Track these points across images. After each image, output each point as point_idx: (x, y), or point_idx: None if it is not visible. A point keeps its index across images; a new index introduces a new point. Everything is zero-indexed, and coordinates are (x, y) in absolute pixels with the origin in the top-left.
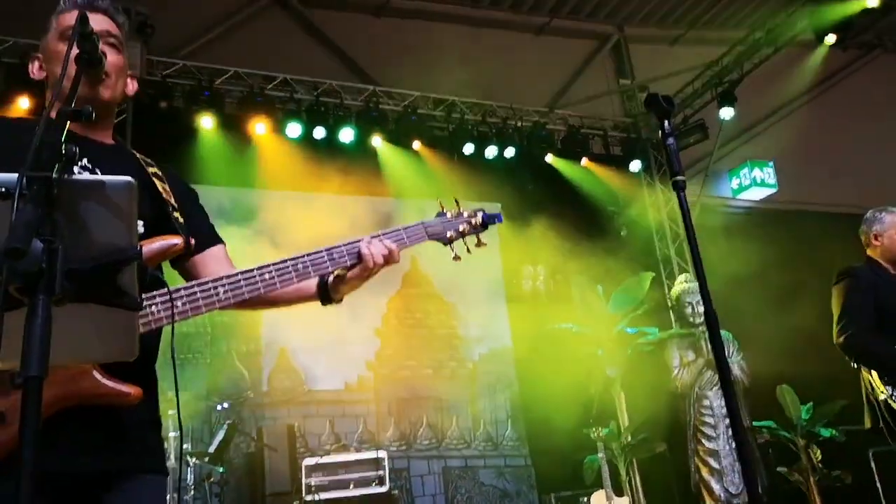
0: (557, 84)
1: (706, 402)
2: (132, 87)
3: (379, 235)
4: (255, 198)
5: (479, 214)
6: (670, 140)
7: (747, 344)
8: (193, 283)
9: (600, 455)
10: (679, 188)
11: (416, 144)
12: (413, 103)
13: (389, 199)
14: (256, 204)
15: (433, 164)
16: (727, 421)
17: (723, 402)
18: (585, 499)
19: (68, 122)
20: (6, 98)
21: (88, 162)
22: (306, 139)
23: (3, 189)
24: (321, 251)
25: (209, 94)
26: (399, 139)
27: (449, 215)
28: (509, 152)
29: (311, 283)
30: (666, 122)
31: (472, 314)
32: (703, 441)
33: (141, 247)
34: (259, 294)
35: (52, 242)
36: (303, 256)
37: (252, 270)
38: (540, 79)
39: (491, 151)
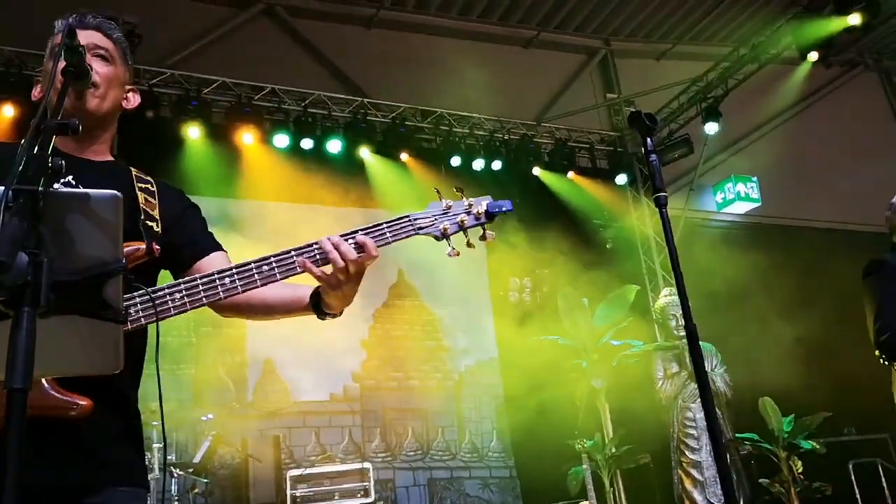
0: (545, 97)
1: (689, 414)
2: (134, 100)
3: (355, 232)
4: (243, 208)
5: (484, 203)
6: (653, 157)
7: (730, 356)
8: (149, 289)
9: (585, 466)
10: (661, 205)
11: (404, 156)
12: (401, 115)
13: (377, 211)
14: (244, 214)
15: (421, 175)
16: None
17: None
18: None
19: (54, 136)
20: None
21: (73, 178)
22: (294, 150)
23: None
24: (289, 250)
25: (196, 103)
26: (387, 151)
27: (444, 205)
28: (496, 165)
29: (304, 295)
30: (649, 140)
31: (458, 326)
32: (687, 452)
33: (126, 259)
34: (220, 300)
35: (38, 255)
36: (269, 257)
37: (212, 274)
38: (527, 92)
39: (478, 164)
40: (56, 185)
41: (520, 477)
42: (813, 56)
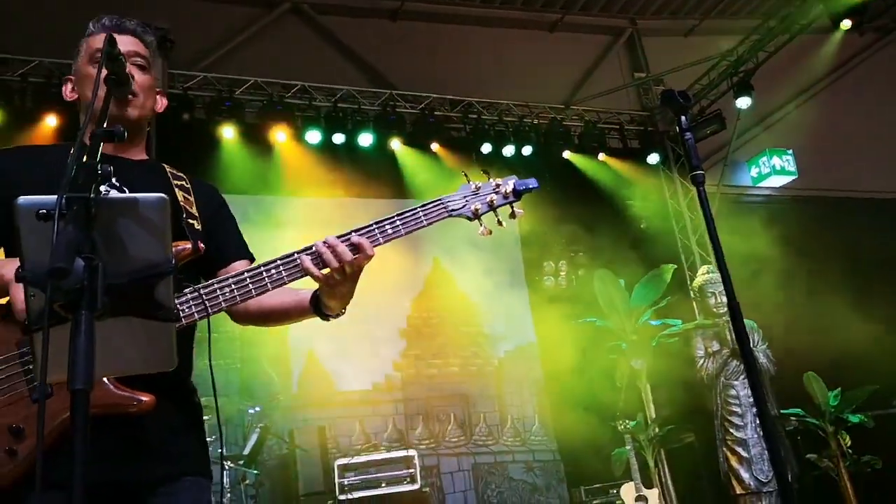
0: (572, 80)
1: (733, 392)
2: (161, 103)
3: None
4: (279, 205)
5: (511, 182)
6: (688, 135)
7: (771, 332)
8: (198, 286)
9: (628, 447)
10: (698, 183)
11: (435, 146)
12: (429, 105)
13: (410, 201)
14: (280, 211)
15: (452, 164)
16: (755, 410)
17: (749, 392)
18: (615, 491)
19: (101, 143)
20: (34, 117)
21: (117, 181)
22: (326, 145)
23: (45, 210)
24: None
25: (230, 104)
26: (417, 141)
27: (473, 187)
28: (527, 150)
29: (305, 298)
30: (683, 118)
31: (495, 312)
32: (731, 430)
33: (175, 260)
34: (267, 290)
35: (93, 260)
36: (311, 247)
37: (259, 268)
38: (555, 76)
39: (508, 150)
40: (103, 188)
41: (563, 460)
42: (846, 24)
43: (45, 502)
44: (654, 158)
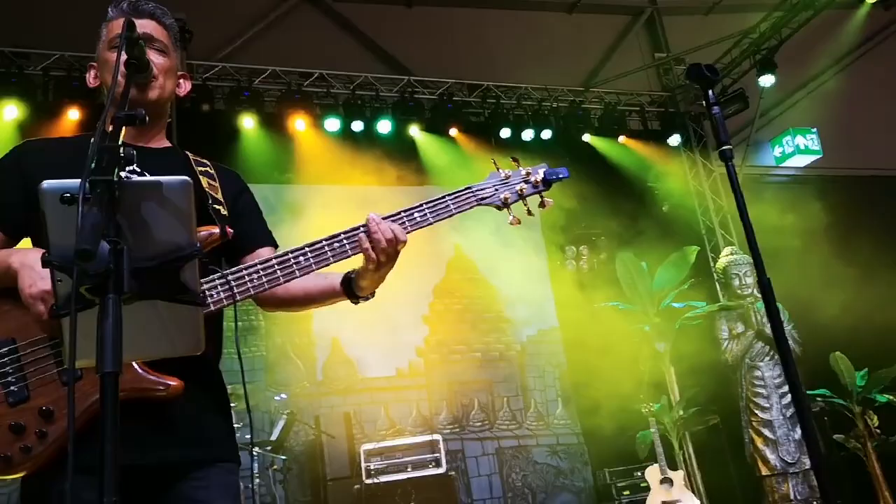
0: (591, 62)
1: (758, 373)
2: (185, 87)
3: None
4: (299, 193)
5: (541, 171)
6: (715, 109)
7: (797, 313)
8: (225, 271)
9: (653, 430)
10: (727, 158)
11: (454, 131)
12: (448, 91)
13: (431, 188)
14: (301, 199)
15: (471, 150)
16: (780, 391)
17: (775, 373)
18: (639, 473)
19: (123, 127)
20: (56, 110)
21: (139, 168)
22: (345, 133)
23: (69, 194)
24: (357, 226)
25: (249, 94)
26: (436, 127)
27: (502, 175)
28: (546, 134)
29: (335, 282)
30: (710, 92)
31: (517, 297)
32: (757, 412)
33: (203, 244)
34: (294, 277)
35: (118, 243)
36: (339, 235)
37: (287, 254)
38: (574, 58)
39: (527, 134)
40: (124, 173)
41: (587, 443)
42: None
43: (75, 486)
44: (675, 140)
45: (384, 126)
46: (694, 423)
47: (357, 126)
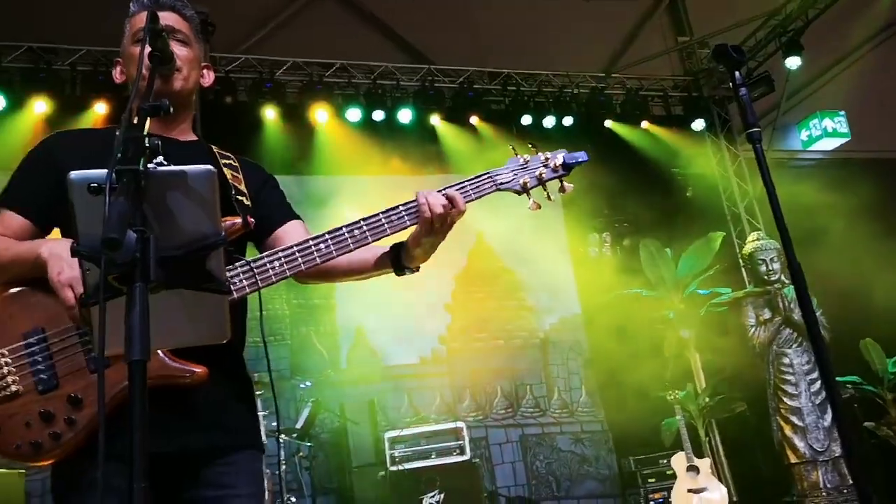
0: (613, 47)
1: (786, 360)
2: (209, 78)
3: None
4: (322, 184)
5: (560, 155)
6: (743, 91)
7: (825, 299)
8: (248, 259)
9: (678, 417)
10: (755, 140)
11: (474, 120)
12: (468, 79)
13: (452, 176)
14: (324, 190)
15: (492, 138)
16: (809, 378)
17: (803, 360)
18: (664, 461)
19: (148, 118)
20: (83, 104)
21: (165, 160)
22: (366, 123)
23: (96, 184)
24: (377, 214)
25: (271, 85)
26: (457, 116)
27: (521, 160)
28: (567, 121)
29: (382, 254)
30: (737, 73)
31: (539, 285)
32: (785, 399)
33: (225, 232)
34: (316, 265)
35: (144, 232)
36: (359, 222)
37: (308, 241)
38: (595, 44)
39: (549, 122)
40: (151, 165)
41: (611, 430)
42: None
43: (105, 473)
44: (699, 124)
45: (405, 115)
46: (720, 411)
47: (378, 116)
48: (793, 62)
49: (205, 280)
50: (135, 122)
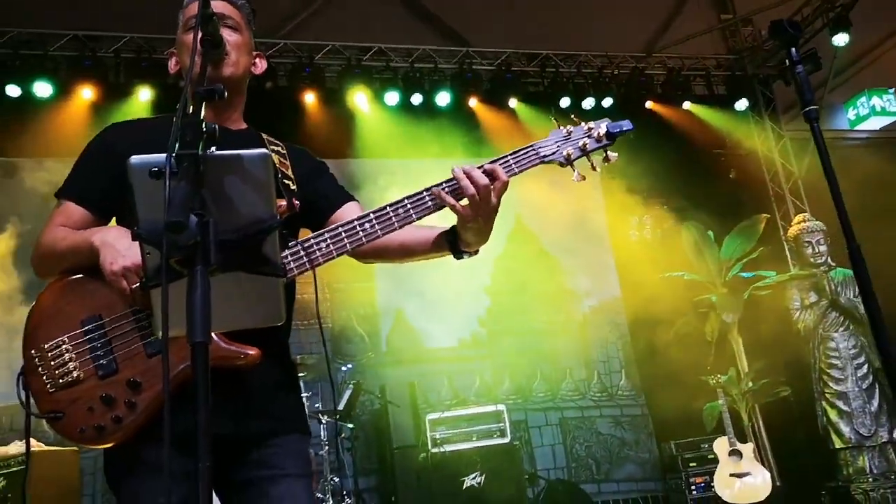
0: (654, 27)
1: (832, 344)
2: (261, 65)
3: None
4: (361, 167)
5: (604, 125)
6: (799, 68)
7: (876, 281)
8: (297, 241)
9: (721, 402)
10: (812, 118)
11: (513, 102)
12: (506, 61)
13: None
14: (364, 174)
15: (531, 120)
16: (855, 362)
17: (850, 344)
18: (706, 445)
19: (203, 102)
20: (127, 91)
21: (217, 148)
22: (404, 106)
23: (156, 168)
24: (422, 191)
25: (310, 70)
26: (495, 98)
27: (564, 132)
28: (607, 102)
29: (437, 236)
30: (793, 49)
31: (578, 268)
32: (831, 384)
33: (280, 215)
34: (362, 245)
35: (204, 216)
36: (403, 200)
37: (353, 222)
38: (635, 23)
39: (588, 103)
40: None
41: (652, 414)
42: None
43: (162, 455)
44: (742, 104)
45: (443, 98)
46: (763, 395)
47: (416, 99)
48: (840, 39)
49: (261, 263)
50: (190, 108)
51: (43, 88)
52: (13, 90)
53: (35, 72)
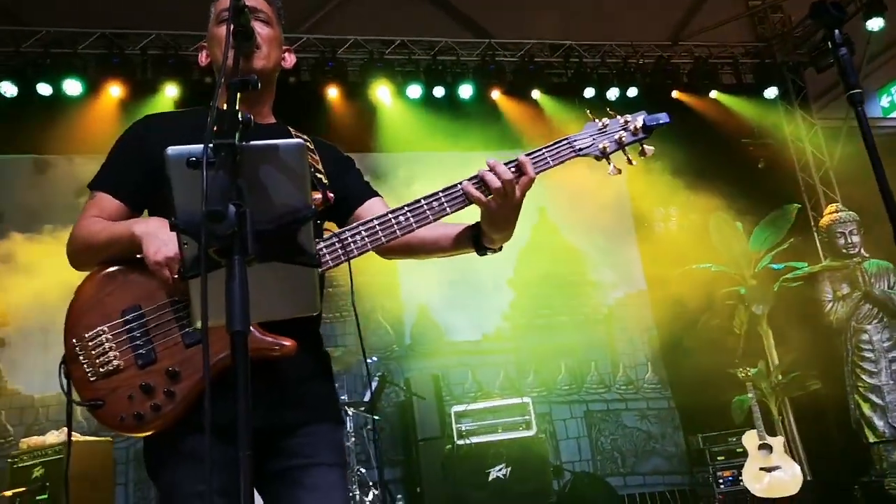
0: (679, 14)
1: (865, 337)
2: (290, 59)
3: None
4: (386, 161)
5: (640, 118)
6: (843, 50)
7: None
8: (333, 233)
9: (750, 395)
10: (856, 102)
11: (536, 93)
12: (529, 52)
13: (515, 151)
14: (387, 167)
15: (554, 112)
16: (889, 356)
17: (883, 336)
18: (734, 439)
19: (238, 93)
20: (154, 87)
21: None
22: (427, 99)
23: (194, 158)
24: (456, 184)
25: (333, 64)
26: (518, 90)
27: (599, 124)
28: (632, 92)
29: (465, 232)
30: (836, 32)
31: (603, 260)
32: (864, 377)
33: (314, 206)
34: (397, 237)
35: (241, 206)
36: (437, 194)
37: (387, 215)
38: (660, 11)
39: (612, 93)
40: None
41: (678, 408)
42: None
43: (201, 443)
44: (771, 92)
45: (466, 91)
46: (794, 388)
47: (439, 92)
48: (875, 24)
49: (297, 253)
50: (225, 99)
51: (73, 86)
52: (44, 88)
53: (65, 70)
